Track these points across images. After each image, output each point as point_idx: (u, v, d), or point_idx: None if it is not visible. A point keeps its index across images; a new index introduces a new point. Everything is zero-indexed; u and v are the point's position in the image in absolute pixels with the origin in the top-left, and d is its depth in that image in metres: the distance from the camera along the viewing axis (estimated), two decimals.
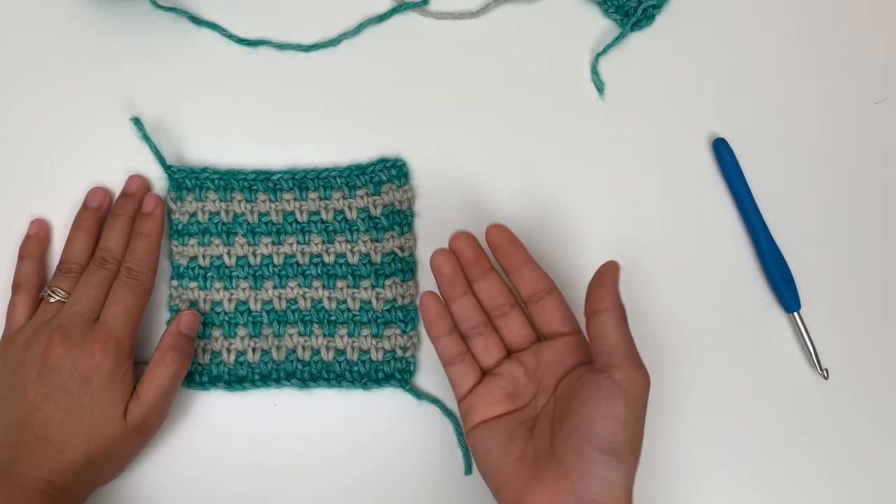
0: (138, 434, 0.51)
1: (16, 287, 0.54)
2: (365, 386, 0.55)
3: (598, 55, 0.59)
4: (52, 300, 0.52)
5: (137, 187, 0.56)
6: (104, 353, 0.50)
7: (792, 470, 0.55)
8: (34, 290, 0.54)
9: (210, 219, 0.56)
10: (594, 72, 0.59)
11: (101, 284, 0.52)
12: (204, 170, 0.56)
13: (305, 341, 0.55)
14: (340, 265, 0.56)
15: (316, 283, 0.56)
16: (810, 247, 0.57)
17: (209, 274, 0.55)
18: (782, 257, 0.56)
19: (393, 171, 0.56)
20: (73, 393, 0.49)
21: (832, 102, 0.59)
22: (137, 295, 0.52)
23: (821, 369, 0.55)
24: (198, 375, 0.54)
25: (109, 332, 0.50)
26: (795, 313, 0.56)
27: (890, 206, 0.58)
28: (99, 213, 0.55)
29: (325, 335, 0.55)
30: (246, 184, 0.56)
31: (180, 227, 0.56)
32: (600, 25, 0.60)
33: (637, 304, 0.56)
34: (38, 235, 0.56)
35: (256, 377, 0.55)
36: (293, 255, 0.56)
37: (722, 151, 0.57)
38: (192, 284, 0.55)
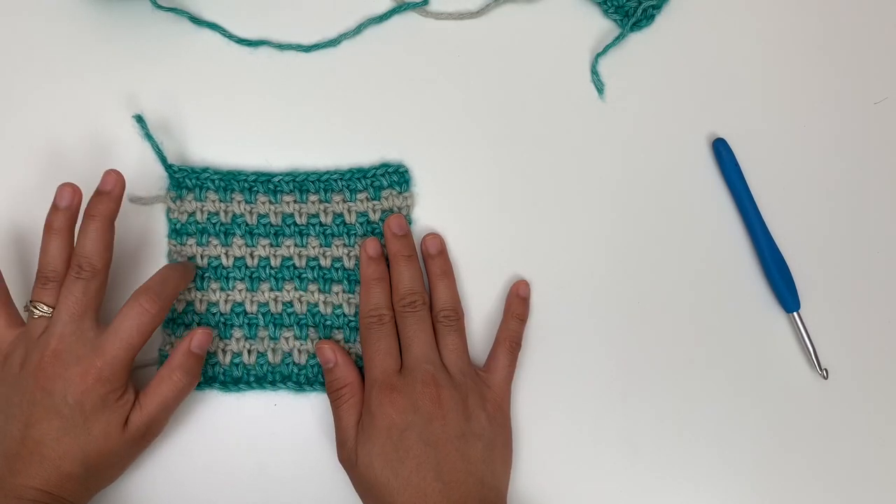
0: (138, 443, 0.51)
1: None
2: None
3: (598, 55, 0.59)
4: (36, 315, 0.50)
5: (113, 184, 0.52)
6: (98, 381, 0.48)
7: (791, 470, 0.55)
8: (2, 300, 0.52)
9: (209, 219, 0.56)
10: (594, 72, 0.59)
11: (81, 298, 0.50)
12: (204, 170, 0.56)
13: (301, 345, 0.55)
14: (337, 269, 0.56)
15: (312, 287, 0.55)
16: (810, 247, 0.57)
17: (206, 274, 0.55)
18: (782, 257, 0.56)
19: (394, 177, 0.56)
20: (67, 415, 0.48)
21: (832, 102, 0.59)
22: (143, 333, 0.50)
23: (820, 369, 0.55)
24: None
25: (107, 362, 0.48)
26: (795, 313, 0.56)
27: (890, 206, 0.58)
28: (69, 212, 0.52)
29: (321, 339, 0.55)
30: (246, 185, 0.56)
31: (178, 226, 0.56)
32: (600, 25, 0.60)
33: (637, 304, 0.57)
34: None
35: (252, 379, 0.55)
36: (290, 258, 0.56)
37: (722, 151, 0.57)
38: (189, 285, 0.55)
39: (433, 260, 0.55)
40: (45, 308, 0.50)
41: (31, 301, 0.51)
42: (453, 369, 0.52)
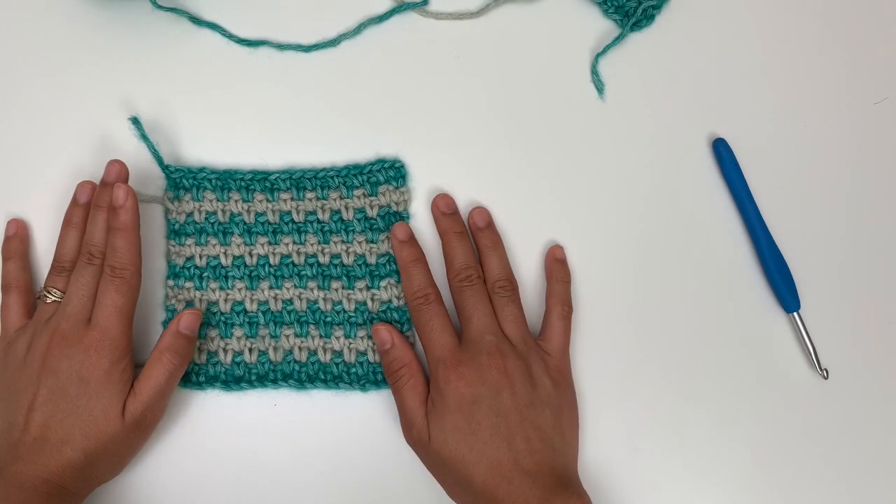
0: (136, 430, 0.51)
1: (5, 288, 0.54)
2: (363, 388, 0.55)
3: (598, 55, 0.59)
4: (48, 300, 0.53)
5: (116, 176, 0.54)
6: (99, 353, 0.50)
7: (792, 470, 0.55)
8: (24, 288, 0.54)
9: (207, 218, 0.56)
10: (594, 72, 0.59)
11: (90, 282, 0.52)
12: (201, 169, 0.56)
13: (302, 342, 0.55)
14: (335, 266, 0.56)
15: (311, 284, 0.56)
16: (810, 247, 0.57)
17: (205, 274, 0.55)
18: (782, 257, 0.56)
19: (391, 173, 0.56)
20: (72, 394, 0.49)
21: (832, 102, 0.59)
22: (124, 293, 0.51)
23: (820, 369, 0.55)
24: (194, 375, 0.54)
25: (102, 332, 0.50)
26: (795, 313, 0.56)
27: (890, 206, 0.58)
28: (88, 207, 0.54)
29: (321, 336, 0.55)
30: (243, 183, 0.56)
31: (177, 226, 0.56)
32: (600, 25, 0.60)
33: (637, 304, 0.57)
34: (17, 235, 0.56)
35: (254, 377, 0.55)
36: (289, 256, 0.56)
37: (722, 151, 0.57)
38: (188, 284, 0.55)
39: (482, 233, 0.56)
40: (58, 293, 0.52)
41: (44, 287, 0.53)
42: (514, 339, 0.53)
